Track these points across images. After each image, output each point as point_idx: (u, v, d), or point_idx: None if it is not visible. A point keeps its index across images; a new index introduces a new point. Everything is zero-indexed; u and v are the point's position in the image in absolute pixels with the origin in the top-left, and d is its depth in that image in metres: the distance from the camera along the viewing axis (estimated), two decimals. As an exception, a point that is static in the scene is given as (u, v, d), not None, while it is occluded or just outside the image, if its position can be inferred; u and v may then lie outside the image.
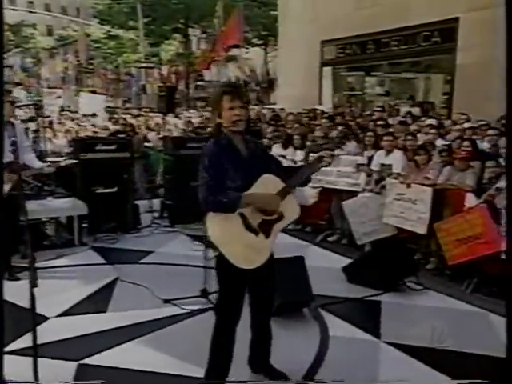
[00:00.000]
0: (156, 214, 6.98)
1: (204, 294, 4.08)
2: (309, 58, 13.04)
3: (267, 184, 2.63)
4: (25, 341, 3.08)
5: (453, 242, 5.00)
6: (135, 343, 3.43)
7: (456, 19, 9.42)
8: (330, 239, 6.51)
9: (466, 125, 7.13)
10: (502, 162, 5.33)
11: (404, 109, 10.32)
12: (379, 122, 6.99)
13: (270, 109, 13.03)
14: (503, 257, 4.53)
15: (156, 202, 7.23)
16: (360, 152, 6.43)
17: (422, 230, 5.34)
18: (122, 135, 7.91)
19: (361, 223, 5.91)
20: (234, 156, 2.65)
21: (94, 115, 13.57)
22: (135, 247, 5.70)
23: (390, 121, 7.81)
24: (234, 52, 18.48)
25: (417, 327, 3.59)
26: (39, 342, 2.43)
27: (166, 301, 4.08)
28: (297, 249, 5.81)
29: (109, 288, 4.42)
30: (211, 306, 3.94)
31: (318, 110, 10.10)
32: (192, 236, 6.13)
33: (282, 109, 11.86)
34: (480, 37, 8.76)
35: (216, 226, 2.60)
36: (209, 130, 9.46)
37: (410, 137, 6.08)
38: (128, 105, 23.91)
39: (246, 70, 29.76)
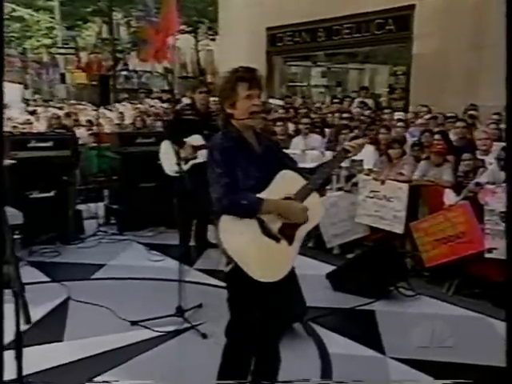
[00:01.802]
0: (101, 221, 6.55)
1: (179, 311, 3.80)
2: (253, 46, 12.91)
3: (288, 181, 2.45)
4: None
5: (431, 243, 5.05)
6: (103, 378, 3.10)
7: (412, 6, 9.63)
8: None
9: (427, 116, 7.31)
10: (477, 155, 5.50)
11: (357, 100, 10.48)
12: (345, 115, 6.99)
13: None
14: (490, 256, 4.66)
15: (92, 207, 6.82)
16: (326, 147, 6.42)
17: (398, 229, 5.37)
18: (61, 130, 7.38)
19: (331, 224, 5.85)
20: (246, 152, 2.45)
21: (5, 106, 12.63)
22: (82, 260, 5.27)
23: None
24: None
25: (420, 338, 3.53)
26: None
27: (134, 322, 3.75)
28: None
29: (60, 311, 4.02)
30: (189, 325, 3.71)
31: (270, 103, 10.00)
32: (147, 244, 5.80)
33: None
34: (437, 25, 9.03)
35: (230, 231, 2.37)
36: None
37: (383, 130, 6.10)
38: (37, 96, 22.56)
39: (175, 59, 29.17)
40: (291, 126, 7.27)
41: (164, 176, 5.62)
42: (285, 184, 2.43)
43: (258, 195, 2.37)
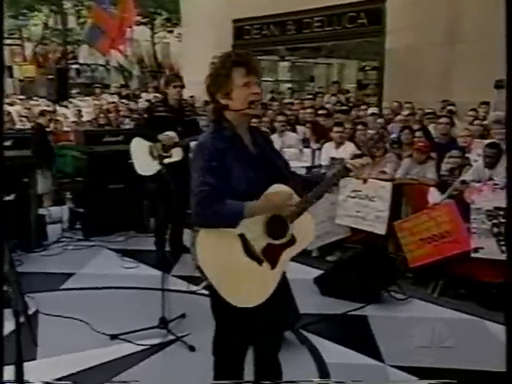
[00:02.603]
0: (65, 226, 6.32)
1: (163, 323, 3.69)
2: (219, 39, 12.79)
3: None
4: None
5: (416, 242, 5.10)
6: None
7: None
8: None
9: (406, 112, 7.42)
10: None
11: (327, 96, 10.56)
12: (321, 112, 7.00)
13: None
14: (476, 255, 4.75)
15: (55, 210, 6.58)
16: (305, 145, 6.40)
17: (380, 229, 5.40)
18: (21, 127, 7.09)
19: (310, 226, 5.84)
20: (239, 152, 2.27)
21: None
22: (48, 269, 5.05)
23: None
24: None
25: (419, 343, 3.55)
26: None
27: (114, 336, 3.62)
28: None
29: (29, 325, 3.82)
30: (174, 337, 3.60)
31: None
32: (118, 250, 5.63)
33: (192, 96, 11.52)
34: (410, 19, 9.18)
35: (208, 248, 2.21)
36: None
37: (360, 126, 6.14)
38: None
39: (129, 52, 28.67)
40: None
41: (134, 176, 5.50)
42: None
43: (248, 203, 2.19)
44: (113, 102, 10.89)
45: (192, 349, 3.49)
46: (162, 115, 5.21)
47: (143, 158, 5.16)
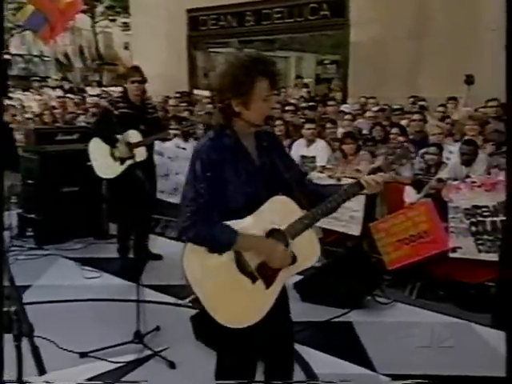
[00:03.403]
0: (13, 233, 6.07)
1: (138, 337, 3.60)
2: (172, 30, 12.65)
3: (279, 209, 2.19)
4: None
5: (393, 244, 5.17)
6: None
7: (346, -9, 9.93)
8: None
9: (375, 108, 7.55)
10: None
11: (290, 90, 10.64)
12: (288, 108, 7.02)
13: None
14: (454, 255, 4.88)
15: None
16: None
17: (355, 230, 5.46)
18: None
19: (282, 227, 5.86)
20: (240, 163, 2.18)
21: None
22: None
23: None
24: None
25: (409, 350, 3.62)
26: None
27: (83, 354, 3.49)
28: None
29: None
30: (151, 352, 3.52)
31: (197, 95, 9.86)
32: (77, 259, 5.46)
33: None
34: (375, 12, 9.36)
35: (197, 258, 2.12)
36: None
37: (329, 124, 6.19)
38: None
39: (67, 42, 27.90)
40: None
41: (91, 178, 5.37)
42: (274, 212, 2.18)
43: (240, 221, 2.14)
44: (59, 97, 10.55)
45: (172, 365, 3.42)
46: (122, 113, 5.07)
47: (104, 160, 5.03)
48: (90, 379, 3.26)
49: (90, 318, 4.09)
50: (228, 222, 2.14)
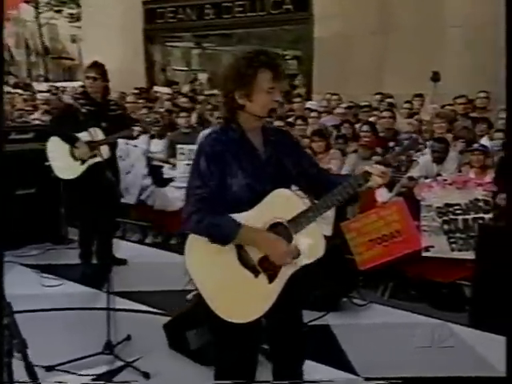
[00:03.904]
0: (-37, 240, 5.84)
1: (109, 347, 3.53)
2: (127, 22, 12.45)
3: (282, 202, 2.24)
4: None
5: (365, 244, 5.23)
6: None
7: (309, -15, 10.00)
8: None
9: (344, 105, 7.64)
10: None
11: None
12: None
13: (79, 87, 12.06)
14: (427, 254, 4.99)
15: None
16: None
17: (326, 231, 5.49)
18: None
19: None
20: (246, 156, 2.25)
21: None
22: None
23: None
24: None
25: (389, 351, 3.67)
26: None
27: (50, 368, 3.40)
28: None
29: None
30: (122, 363, 3.46)
31: (156, 91, 9.76)
32: (35, 266, 5.31)
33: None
34: (339, 7, 9.46)
35: (198, 250, 2.20)
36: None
37: (299, 121, 6.22)
38: None
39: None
40: (193, 117, 7.14)
41: (49, 180, 5.26)
42: (277, 205, 2.23)
43: (242, 214, 2.19)
44: (8, 93, 10.22)
45: (146, 375, 3.37)
46: (82, 110, 4.96)
47: (63, 160, 4.92)
48: (59, 395, 3.18)
49: (55, 329, 3.98)
50: (231, 215, 2.19)
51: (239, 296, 2.19)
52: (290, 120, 6.70)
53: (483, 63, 8.03)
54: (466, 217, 4.93)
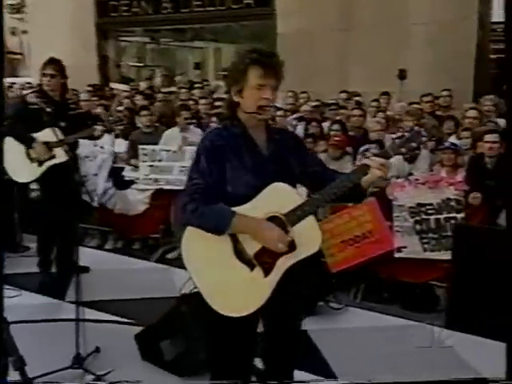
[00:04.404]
0: None
1: (78, 361, 3.45)
2: (78, 15, 12.19)
3: (278, 196, 2.30)
4: None
5: (337, 245, 5.26)
6: None
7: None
8: (170, 256, 6.30)
9: (313, 104, 7.67)
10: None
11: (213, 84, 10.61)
12: (218, 103, 6.98)
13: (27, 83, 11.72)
14: (399, 255, 5.07)
15: None
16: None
17: (297, 233, 5.54)
18: None
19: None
20: (248, 153, 2.34)
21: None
22: None
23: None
24: None
25: (370, 356, 3.71)
26: None
27: (16, 385, 3.29)
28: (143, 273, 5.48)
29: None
30: (93, 377, 3.38)
31: (113, 88, 9.61)
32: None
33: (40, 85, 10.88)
34: (301, 2, 9.51)
35: (194, 245, 2.29)
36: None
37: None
38: None
39: None
40: (155, 116, 7.05)
41: (1, 183, 5.07)
42: (273, 199, 2.30)
43: (238, 208, 2.25)
44: None
45: (119, 389, 3.30)
46: (38, 108, 4.83)
47: (19, 162, 4.78)
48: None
49: (18, 343, 3.86)
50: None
51: (234, 289, 2.27)
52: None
53: (446, 61, 8.24)
54: (439, 216, 5.04)
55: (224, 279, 2.27)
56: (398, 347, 3.80)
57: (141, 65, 14.57)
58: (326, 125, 6.66)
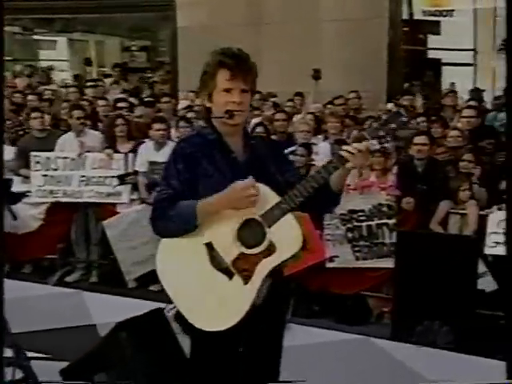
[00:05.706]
0: None
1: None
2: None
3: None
4: None
5: (267, 257, 5.35)
6: None
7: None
8: (68, 279, 6.16)
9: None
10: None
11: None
12: (121, 104, 6.81)
13: None
14: (331, 265, 5.19)
15: None
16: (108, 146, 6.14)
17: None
18: None
19: (130, 249, 5.79)
20: (222, 160, 2.39)
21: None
22: None
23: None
24: None
25: (324, 372, 3.76)
26: None
27: None
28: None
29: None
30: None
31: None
32: None
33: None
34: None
35: (169, 256, 2.36)
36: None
37: (182, 123, 6.13)
38: None
39: None
40: (47, 118, 6.74)
41: None
42: None
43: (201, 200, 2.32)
44: None
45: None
46: None
47: None
48: None
49: None
50: None
51: (214, 301, 2.30)
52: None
53: (359, 60, 8.57)
54: (370, 223, 5.21)
55: (202, 291, 2.31)
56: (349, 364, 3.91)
57: (9, 58, 13.82)
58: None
